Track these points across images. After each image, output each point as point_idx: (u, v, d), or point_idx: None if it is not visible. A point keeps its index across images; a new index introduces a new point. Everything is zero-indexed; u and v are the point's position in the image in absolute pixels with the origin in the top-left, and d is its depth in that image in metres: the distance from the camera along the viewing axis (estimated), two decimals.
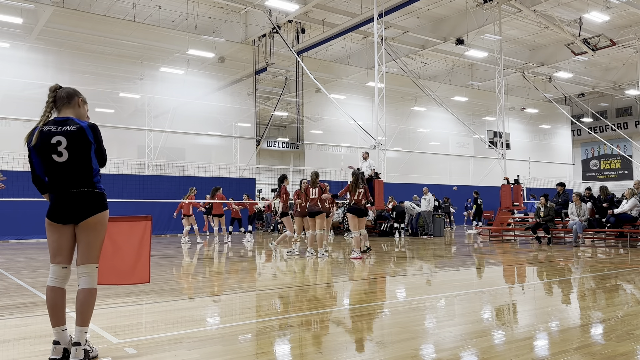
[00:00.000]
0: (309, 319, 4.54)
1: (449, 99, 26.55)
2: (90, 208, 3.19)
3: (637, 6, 19.63)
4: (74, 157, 3.16)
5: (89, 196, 3.20)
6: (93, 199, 3.21)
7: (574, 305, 5.30)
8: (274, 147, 36.73)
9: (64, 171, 3.17)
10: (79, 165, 3.18)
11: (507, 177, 17.98)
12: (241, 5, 19.83)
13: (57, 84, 3.36)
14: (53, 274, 3.23)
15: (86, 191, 3.19)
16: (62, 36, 19.67)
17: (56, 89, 3.32)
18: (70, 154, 3.15)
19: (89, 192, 3.20)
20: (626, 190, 12.64)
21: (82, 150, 3.17)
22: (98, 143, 3.25)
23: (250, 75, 23.33)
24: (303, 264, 9.12)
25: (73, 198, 3.17)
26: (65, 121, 3.21)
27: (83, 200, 3.18)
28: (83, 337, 3.12)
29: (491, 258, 10.43)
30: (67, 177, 3.17)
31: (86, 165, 3.20)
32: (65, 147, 3.14)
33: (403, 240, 16.06)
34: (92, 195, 3.21)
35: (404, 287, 6.62)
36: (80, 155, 3.17)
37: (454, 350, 3.46)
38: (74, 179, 3.18)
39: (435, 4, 20.07)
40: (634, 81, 26.84)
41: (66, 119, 3.22)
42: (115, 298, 5.42)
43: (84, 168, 3.19)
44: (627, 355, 3.27)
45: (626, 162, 32.66)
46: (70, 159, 3.15)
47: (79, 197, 3.18)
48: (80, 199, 3.17)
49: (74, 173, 3.17)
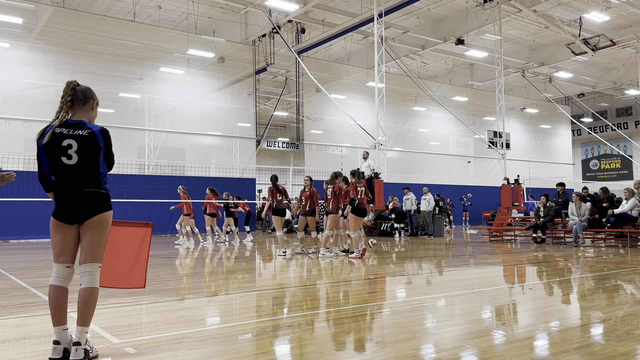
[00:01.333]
0: (309, 319, 4.54)
1: (449, 99, 26.55)
2: (96, 207, 3.24)
3: (637, 6, 19.63)
4: (84, 160, 3.21)
5: (94, 196, 3.25)
6: (98, 199, 3.26)
7: (574, 305, 5.30)
8: (274, 147, 36.73)
9: (72, 173, 3.21)
10: (87, 169, 3.23)
11: (507, 177, 17.98)
12: (241, 5, 19.83)
13: (76, 81, 3.37)
14: (56, 273, 3.25)
15: (92, 191, 3.25)
16: (62, 36, 19.67)
17: (75, 87, 3.33)
18: (80, 158, 3.20)
19: (95, 192, 3.25)
20: (625, 191, 12.63)
21: (92, 155, 3.23)
22: (108, 148, 3.32)
23: (250, 75, 23.33)
24: (302, 264, 9.12)
25: (79, 198, 3.21)
26: (78, 125, 3.24)
27: (89, 200, 3.22)
28: (83, 336, 3.13)
29: (491, 258, 10.43)
30: (75, 179, 3.22)
31: (94, 168, 3.26)
32: (75, 150, 3.19)
33: (403, 240, 16.06)
34: (97, 195, 3.26)
35: (404, 287, 6.62)
36: (90, 159, 3.23)
37: (454, 350, 3.46)
38: (81, 180, 3.23)
39: (435, 4, 20.07)
40: (634, 81, 26.84)
41: (78, 123, 3.26)
42: (115, 298, 5.42)
43: (92, 171, 3.25)
44: (627, 355, 3.27)
45: (626, 162, 32.67)
46: (80, 162, 3.21)
47: (85, 196, 3.22)
48: (86, 199, 3.22)
49: (81, 175, 3.22)
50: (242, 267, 9.03)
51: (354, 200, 9.94)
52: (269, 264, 9.55)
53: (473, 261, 9.73)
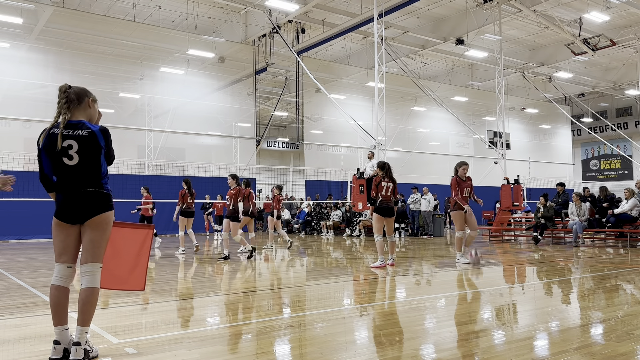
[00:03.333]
0: (309, 319, 4.54)
1: (449, 99, 26.54)
2: (97, 207, 3.25)
3: (637, 6, 19.63)
4: (85, 160, 3.22)
5: (95, 196, 3.26)
6: (99, 198, 3.27)
7: (574, 305, 5.30)
8: (274, 147, 36.71)
9: (74, 174, 3.23)
10: (89, 168, 3.25)
11: (507, 177, 17.98)
12: (241, 5, 19.83)
13: (67, 84, 3.37)
14: (58, 273, 3.25)
15: (93, 191, 3.26)
16: (62, 36, 19.67)
17: (66, 90, 3.33)
18: (81, 158, 3.21)
19: (96, 192, 3.26)
20: (625, 191, 12.63)
21: (93, 154, 3.24)
22: (108, 147, 3.34)
23: (250, 75, 23.33)
24: (302, 264, 9.12)
25: (80, 198, 3.22)
26: (77, 125, 3.25)
27: (90, 199, 3.23)
28: (83, 337, 3.13)
29: (491, 258, 10.43)
30: (76, 179, 3.23)
31: (95, 168, 3.27)
32: (76, 151, 3.20)
33: (403, 240, 16.06)
34: (98, 195, 3.27)
35: (404, 287, 6.62)
36: (91, 159, 3.24)
37: (454, 350, 3.46)
38: (82, 180, 3.24)
39: (435, 4, 20.07)
40: (634, 81, 26.83)
41: (78, 123, 3.26)
42: (115, 298, 5.42)
43: (93, 171, 3.26)
44: (627, 355, 3.27)
45: (626, 162, 32.66)
46: (81, 162, 3.22)
47: (86, 196, 3.23)
48: (87, 199, 3.23)
49: (83, 175, 3.24)
50: (241, 267, 9.02)
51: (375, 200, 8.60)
52: (267, 264, 9.55)
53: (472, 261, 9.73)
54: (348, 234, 18.67)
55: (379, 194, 8.51)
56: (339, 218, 19.65)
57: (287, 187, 35.58)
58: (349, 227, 18.95)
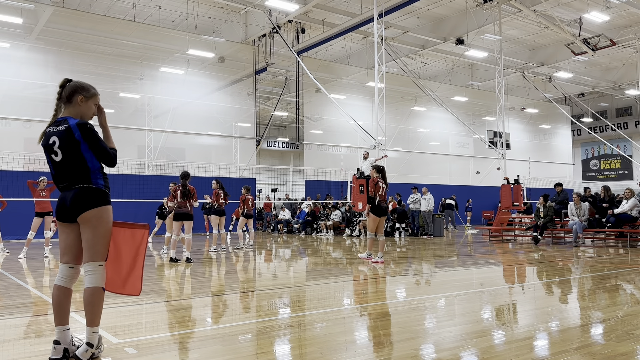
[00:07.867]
0: (309, 319, 4.54)
1: (449, 99, 26.55)
2: (85, 203, 3.18)
3: (637, 6, 19.63)
4: (67, 156, 3.20)
5: (84, 191, 3.21)
6: (88, 194, 3.20)
7: (574, 305, 5.30)
8: (274, 147, 36.71)
9: (61, 170, 3.24)
10: (73, 164, 3.21)
11: (507, 177, 17.97)
12: (241, 5, 19.83)
13: (67, 78, 3.37)
14: (60, 273, 3.27)
15: (82, 187, 3.21)
16: (62, 36, 19.66)
17: (63, 85, 3.33)
18: (64, 154, 3.20)
19: (84, 188, 3.21)
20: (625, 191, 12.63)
21: (72, 149, 3.19)
22: (90, 141, 3.20)
23: (250, 75, 23.33)
24: (302, 264, 9.12)
25: (69, 194, 3.22)
26: (61, 122, 3.25)
27: (78, 195, 3.20)
28: (93, 337, 3.13)
29: (491, 258, 10.43)
30: (64, 175, 3.24)
31: (80, 163, 3.21)
32: (58, 146, 3.19)
33: (403, 240, 16.06)
34: (87, 190, 3.21)
35: (404, 287, 6.62)
36: (71, 154, 3.19)
37: (454, 350, 3.46)
38: (70, 176, 3.23)
39: (435, 4, 20.07)
40: (634, 81, 26.84)
41: (62, 120, 3.26)
42: (115, 298, 5.42)
43: (78, 166, 3.21)
44: (627, 355, 3.27)
45: (626, 162, 32.66)
46: (64, 158, 3.20)
47: (74, 193, 3.21)
48: (76, 195, 3.20)
49: (69, 171, 3.22)
50: (241, 267, 9.02)
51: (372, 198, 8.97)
52: (267, 264, 9.54)
53: (473, 261, 9.72)
54: (348, 234, 18.67)
55: (376, 193, 9.03)
56: (338, 218, 19.65)
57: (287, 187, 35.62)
58: (348, 227, 18.95)
